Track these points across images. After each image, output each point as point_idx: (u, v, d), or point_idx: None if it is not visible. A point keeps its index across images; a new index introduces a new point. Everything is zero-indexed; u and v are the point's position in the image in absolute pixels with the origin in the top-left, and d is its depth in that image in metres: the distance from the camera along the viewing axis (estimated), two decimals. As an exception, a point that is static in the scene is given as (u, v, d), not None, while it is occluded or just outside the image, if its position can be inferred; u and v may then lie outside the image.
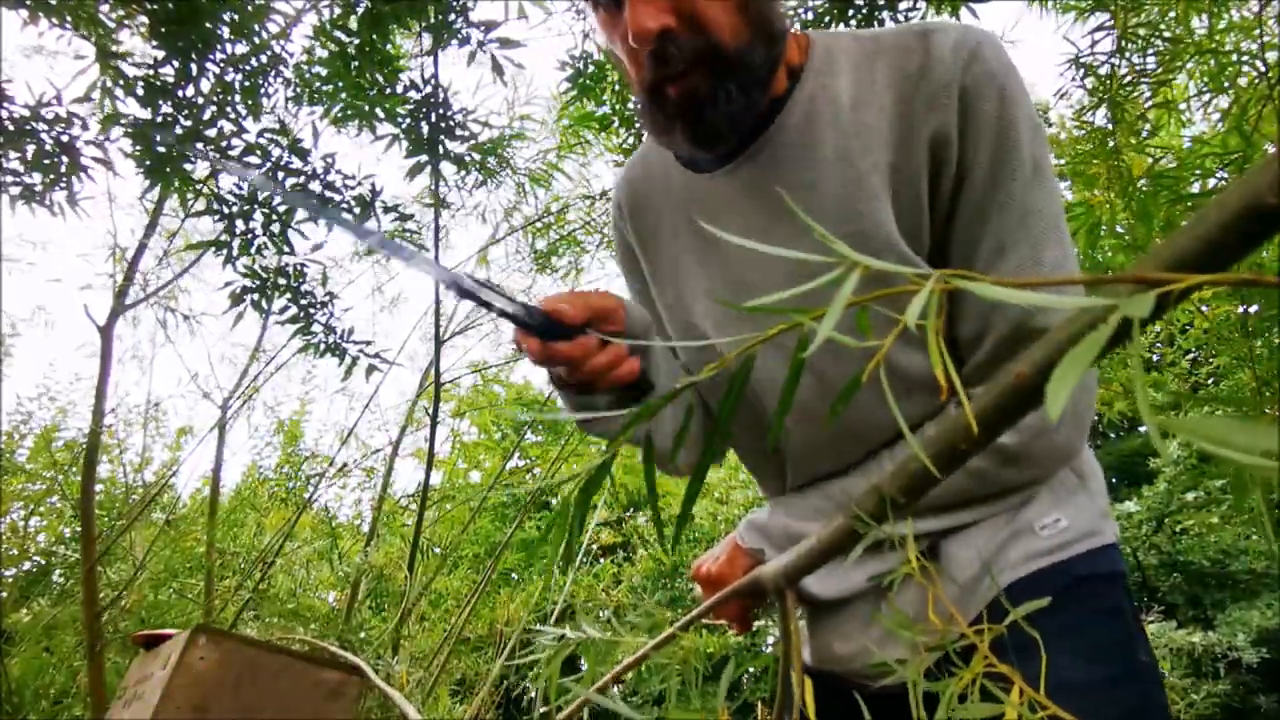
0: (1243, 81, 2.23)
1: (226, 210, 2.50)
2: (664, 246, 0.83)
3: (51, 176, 2.23)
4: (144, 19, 2.22)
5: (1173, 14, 2.25)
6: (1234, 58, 2.22)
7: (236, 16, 2.27)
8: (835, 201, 0.69)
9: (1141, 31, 2.22)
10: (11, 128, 2.13)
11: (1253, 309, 2.63)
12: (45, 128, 2.18)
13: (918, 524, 0.70)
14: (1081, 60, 2.29)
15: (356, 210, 2.61)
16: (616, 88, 3.15)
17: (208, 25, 2.22)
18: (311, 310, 2.71)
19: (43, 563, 5.24)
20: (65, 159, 2.22)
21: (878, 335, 0.70)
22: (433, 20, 2.47)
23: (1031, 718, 0.35)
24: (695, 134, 0.69)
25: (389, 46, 2.51)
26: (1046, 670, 0.48)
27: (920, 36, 0.69)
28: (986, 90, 0.66)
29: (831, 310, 0.25)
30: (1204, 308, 2.89)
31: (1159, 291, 0.24)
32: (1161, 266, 0.25)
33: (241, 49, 2.35)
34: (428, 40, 2.61)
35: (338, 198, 2.57)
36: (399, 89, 2.58)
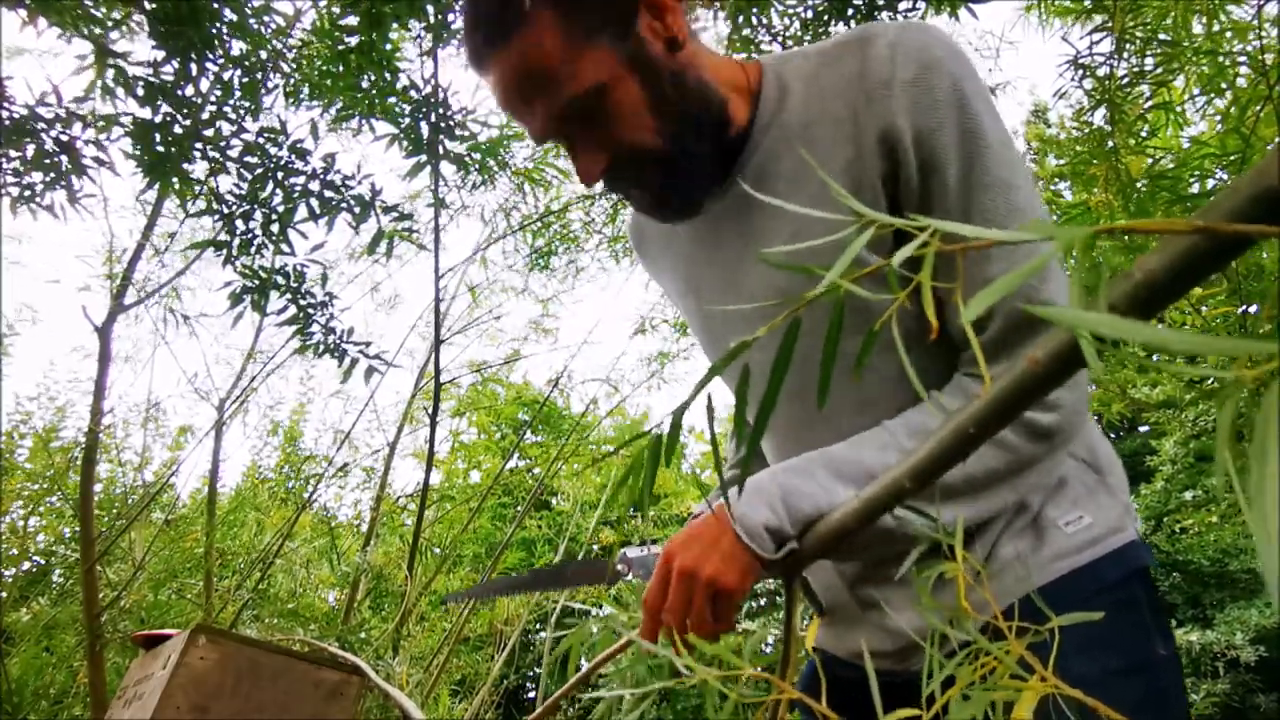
0: (1241, 82, 2.23)
1: (226, 210, 2.50)
2: (670, 276, 0.92)
3: (51, 176, 2.22)
4: (143, 18, 2.22)
5: (1170, 16, 2.25)
6: (1232, 59, 2.22)
7: (236, 16, 2.27)
8: (793, 218, 0.73)
9: (1140, 33, 2.22)
10: (11, 128, 2.13)
11: (1252, 309, 2.63)
12: (45, 127, 2.18)
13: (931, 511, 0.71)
14: (1080, 61, 2.30)
15: (356, 210, 2.61)
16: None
17: (207, 25, 2.22)
18: (311, 311, 2.70)
19: (43, 563, 5.24)
20: (66, 159, 2.22)
21: (846, 348, 0.74)
22: (432, 20, 2.47)
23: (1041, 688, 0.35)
24: (667, 217, 0.79)
25: (388, 45, 2.51)
26: (1055, 666, 0.49)
27: (859, 41, 0.71)
28: (936, 78, 0.67)
29: (842, 260, 0.27)
30: (1202, 308, 2.89)
31: (1098, 228, 0.25)
32: (1174, 253, 0.25)
33: (241, 48, 2.35)
34: (427, 40, 2.61)
35: (337, 198, 2.57)
36: (399, 89, 2.58)
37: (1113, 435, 12.32)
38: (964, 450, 0.33)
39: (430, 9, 2.43)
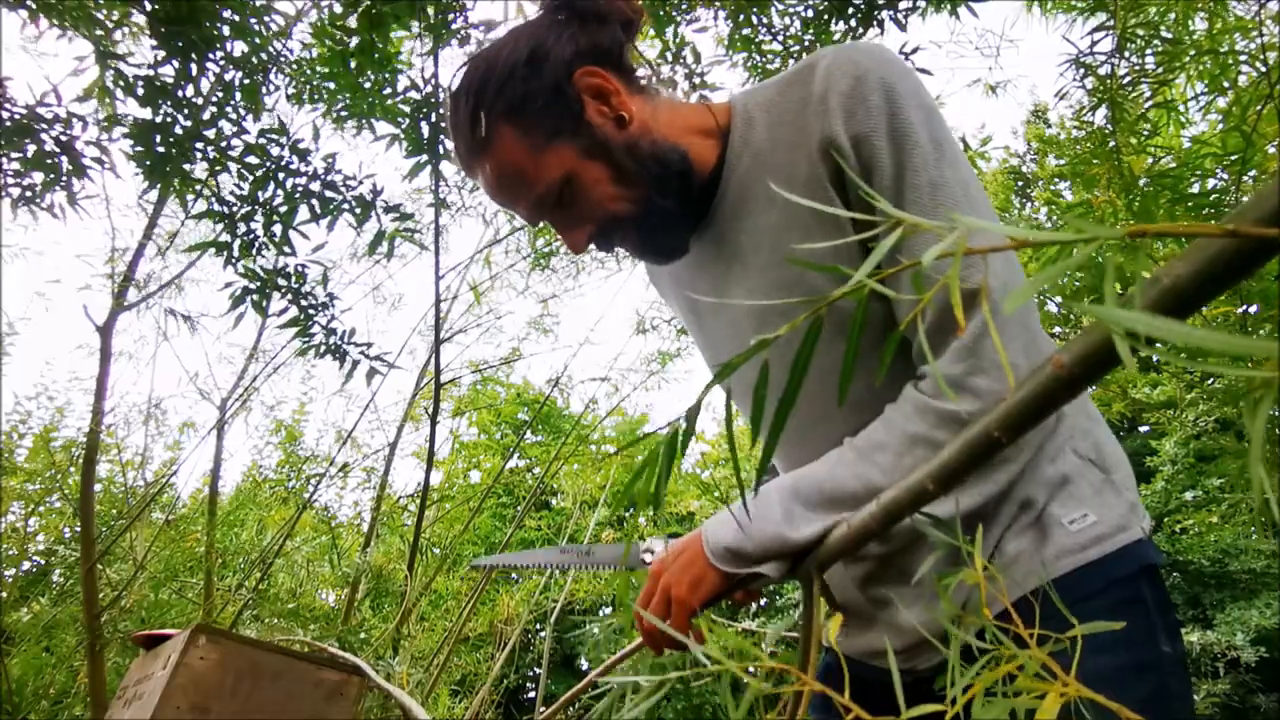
0: (1242, 81, 2.23)
1: (227, 211, 2.50)
2: (674, 296, 1.00)
3: (51, 176, 2.22)
4: (143, 19, 2.21)
5: (1172, 14, 2.25)
6: (1234, 58, 2.22)
7: (237, 16, 2.27)
8: (771, 236, 0.80)
9: (1141, 32, 2.22)
10: (11, 128, 2.13)
11: (1252, 309, 2.63)
12: (45, 127, 2.18)
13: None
14: (1081, 60, 2.29)
15: (357, 210, 2.61)
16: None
17: (207, 25, 2.21)
18: (312, 312, 2.70)
19: (43, 563, 5.24)
20: (66, 159, 2.22)
21: (828, 353, 0.79)
22: (432, 20, 2.47)
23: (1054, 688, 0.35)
24: (659, 261, 0.89)
25: (389, 45, 2.50)
26: (1059, 663, 0.49)
27: (807, 65, 0.78)
28: (868, 89, 0.73)
29: (876, 252, 0.28)
30: (1203, 307, 2.88)
31: (1133, 228, 0.25)
32: (1202, 260, 0.25)
33: (241, 49, 2.34)
34: (428, 40, 2.61)
35: (338, 198, 2.56)
36: (399, 89, 2.57)
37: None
38: (988, 454, 0.33)
39: (430, 9, 2.43)
